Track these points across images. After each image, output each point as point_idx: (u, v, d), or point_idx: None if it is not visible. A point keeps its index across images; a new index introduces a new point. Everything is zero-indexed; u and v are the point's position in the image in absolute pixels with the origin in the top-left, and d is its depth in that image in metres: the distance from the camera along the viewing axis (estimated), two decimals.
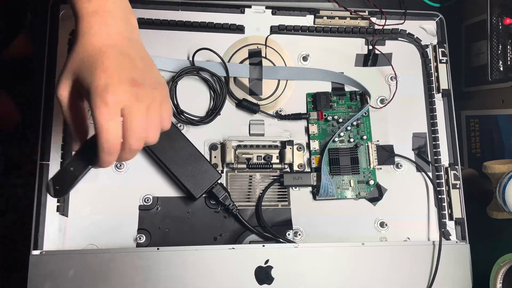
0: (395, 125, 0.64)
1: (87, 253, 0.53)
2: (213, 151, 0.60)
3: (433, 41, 0.66)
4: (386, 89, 0.65)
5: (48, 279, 0.51)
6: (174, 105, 0.60)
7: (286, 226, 0.59)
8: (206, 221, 0.58)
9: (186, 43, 0.62)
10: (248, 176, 0.61)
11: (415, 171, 0.63)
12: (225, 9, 0.64)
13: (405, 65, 0.65)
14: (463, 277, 0.58)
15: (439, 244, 0.58)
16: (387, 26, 0.65)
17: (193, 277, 0.54)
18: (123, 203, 0.57)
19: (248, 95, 0.63)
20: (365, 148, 0.62)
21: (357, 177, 0.61)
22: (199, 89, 0.62)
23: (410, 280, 0.57)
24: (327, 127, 0.63)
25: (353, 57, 0.65)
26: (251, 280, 0.55)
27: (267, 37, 0.64)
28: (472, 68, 0.71)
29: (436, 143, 0.63)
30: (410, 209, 0.61)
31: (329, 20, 0.65)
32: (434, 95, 0.64)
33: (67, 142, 0.57)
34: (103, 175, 0.58)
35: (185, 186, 0.56)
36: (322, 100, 0.63)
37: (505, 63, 0.62)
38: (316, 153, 0.62)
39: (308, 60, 0.64)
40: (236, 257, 0.55)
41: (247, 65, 0.63)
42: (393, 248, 0.58)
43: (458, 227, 0.61)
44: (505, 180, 0.57)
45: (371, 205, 0.61)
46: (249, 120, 0.62)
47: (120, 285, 0.52)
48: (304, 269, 0.56)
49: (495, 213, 0.61)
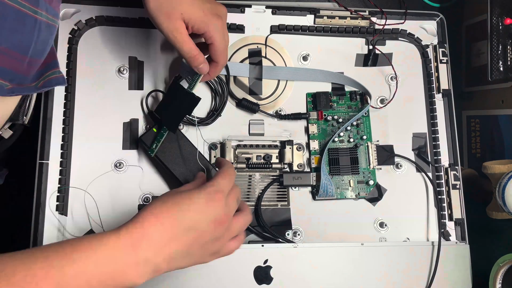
0: (395, 125, 0.64)
1: None
2: (212, 150, 0.60)
3: (434, 41, 0.66)
4: (386, 89, 0.65)
5: None
6: None
7: (286, 226, 0.59)
8: None
9: None
10: (248, 176, 0.61)
11: (415, 172, 0.63)
12: None
13: (405, 65, 0.65)
14: (462, 278, 0.58)
15: (439, 245, 0.58)
16: (388, 26, 0.65)
17: (192, 277, 0.54)
18: (123, 203, 0.57)
19: (248, 94, 0.63)
20: (365, 148, 0.62)
21: (356, 177, 0.61)
22: (200, 90, 0.62)
23: (409, 281, 0.57)
24: (327, 127, 0.63)
25: (353, 57, 0.65)
26: (250, 280, 0.55)
27: (267, 36, 0.64)
28: (472, 68, 0.71)
29: (436, 143, 0.63)
30: (410, 209, 0.61)
31: (329, 20, 0.65)
32: (435, 95, 0.64)
33: (67, 142, 0.58)
34: (103, 175, 0.58)
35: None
36: (322, 100, 0.63)
37: (505, 63, 0.62)
38: (315, 153, 0.62)
39: (308, 60, 0.64)
40: (235, 257, 0.54)
41: (247, 65, 0.63)
42: (392, 248, 0.58)
43: (457, 227, 0.61)
44: (505, 180, 0.57)
45: (371, 205, 0.61)
46: (249, 119, 0.62)
47: None
48: (303, 269, 0.56)
49: (494, 213, 0.61)
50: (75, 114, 0.58)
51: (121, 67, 0.60)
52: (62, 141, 0.58)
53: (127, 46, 0.61)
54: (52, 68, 0.52)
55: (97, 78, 0.60)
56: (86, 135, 0.58)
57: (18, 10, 0.43)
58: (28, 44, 0.46)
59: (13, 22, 0.42)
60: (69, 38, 0.59)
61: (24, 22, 0.44)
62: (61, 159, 0.57)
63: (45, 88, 0.52)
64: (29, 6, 0.44)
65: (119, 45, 0.61)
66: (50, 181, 0.56)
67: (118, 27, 0.61)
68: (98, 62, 0.60)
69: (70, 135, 0.58)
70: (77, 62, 0.60)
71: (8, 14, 0.42)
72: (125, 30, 0.61)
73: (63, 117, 0.58)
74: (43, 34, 0.47)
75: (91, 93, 0.59)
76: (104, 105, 0.59)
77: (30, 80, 0.50)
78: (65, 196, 0.56)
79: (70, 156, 0.58)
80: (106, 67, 0.60)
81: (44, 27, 0.47)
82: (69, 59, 0.59)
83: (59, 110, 0.58)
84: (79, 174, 0.57)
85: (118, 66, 0.60)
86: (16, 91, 0.48)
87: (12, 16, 0.42)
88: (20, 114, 0.53)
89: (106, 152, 0.58)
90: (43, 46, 0.49)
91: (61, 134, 0.58)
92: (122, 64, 0.61)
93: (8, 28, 0.42)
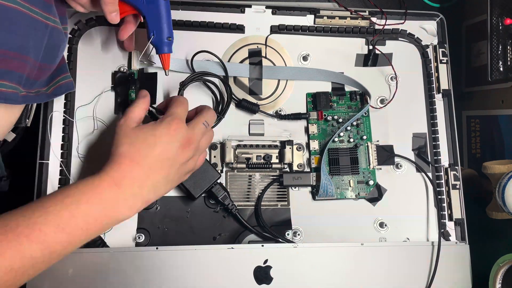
0: (395, 125, 0.63)
1: (86, 252, 0.53)
2: (212, 150, 0.60)
3: (434, 41, 0.66)
4: (386, 89, 0.65)
5: (47, 278, 0.51)
6: None
7: (286, 226, 0.59)
8: (206, 221, 0.59)
9: (186, 43, 0.62)
10: (248, 176, 0.61)
11: (415, 172, 0.63)
12: (225, 8, 0.64)
13: (405, 65, 0.65)
14: (462, 278, 0.58)
15: (439, 245, 0.58)
16: (388, 26, 0.65)
17: (192, 276, 0.54)
18: None
19: (248, 94, 0.63)
20: (365, 148, 0.62)
21: (356, 177, 0.61)
22: (202, 94, 0.62)
23: (409, 281, 0.57)
24: (327, 127, 0.63)
25: (353, 57, 0.65)
26: (250, 280, 0.55)
27: (267, 36, 0.64)
28: (472, 68, 0.71)
29: (436, 143, 0.63)
30: (410, 209, 0.61)
31: (329, 20, 0.65)
32: (434, 95, 0.64)
33: (67, 141, 0.58)
34: None
35: (185, 185, 0.56)
36: (322, 100, 0.63)
37: (505, 63, 0.62)
38: (315, 153, 0.62)
39: (308, 60, 0.64)
40: (235, 257, 0.55)
41: (247, 65, 0.63)
42: (392, 248, 0.58)
43: (457, 227, 0.61)
44: (505, 180, 0.57)
45: (371, 205, 0.61)
46: (249, 119, 0.62)
47: (119, 284, 0.53)
48: (303, 269, 0.56)
49: (494, 213, 0.61)
50: (75, 114, 0.58)
51: (121, 67, 0.60)
52: (62, 141, 0.58)
53: None
54: (63, 73, 0.54)
55: (97, 78, 0.60)
56: (86, 135, 0.58)
57: (30, 17, 0.43)
58: (39, 49, 0.46)
59: (25, 28, 0.43)
60: (69, 38, 0.59)
61: (35, 27, 0.45)
62: (61, 159, 0.57)
63: (56, 96, 0.53)
64: (41, 12, 0.45)
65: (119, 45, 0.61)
66: (50, 181, 0.56)
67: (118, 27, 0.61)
68: (98, 62, 0.60)
69: (70, 135, 0.58)
70: (77, 62, 0.60)
71: (20, 20, 0.42)
72: None
73: (63, 117, 0.58)
74: (54, 40, 0.48)
75: (91, 93, 0.59)
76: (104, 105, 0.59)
77: (42, 85, 0.51)
78: None
79: (70, 156, 0.58)
80: (106, 67, 0.60)
81: (55, 33, 0.48)
82: (69, 59, 0.59)
83: (59, 110, 0.58)
84: (79, 174, 0.57)
85: (118, 66, 0.60)
86: (29, 100, 0.49)
87: (24, 22, 0.43)
88: (23, 117, 0.54)
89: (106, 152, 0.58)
90: (54, 51, 0.50)
91: (61, 134, 0.58)
92: (122, 64, 0.61)
93: (20, 34, 0.43)
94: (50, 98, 0.53)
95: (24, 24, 0.43)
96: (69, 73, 0.55)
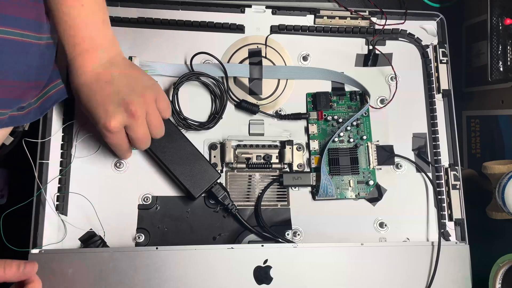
0: (395, 125, 0.63)
1: (86, 252, 0.53)
2: (212, 150, 0.60)
3: (434, 41, 0.66)
4: (386, 89, 0.65)
5: (47, 277, 0.51)
6: (177, 111, 0.59)
7: (285, 226, 0.59)
8: (205, 221, 0.59)
9: (186, 43, 0.62)
10: (248, 176, 0.61)
11: (415, 172, 0.63)
12: (225, 8, 0.64)
13: (405, 65, 0.65)
14: (462, 278, 0.58)
15: (438, 245, 0.58)
16: (388, 26, 0.65)
17: (192, 276, 0.54)
18: (122, 202, 0.58)
19: (248, 94, 0.63)
20: (365, 148, 0.62)
21: (356, 177, 0.61)
22: (200, 94, 0.62)
23: (409, 281, 0.57)
24: (327, 127, 0.63)
25: (353, 57, 0.65)
26: (249, 280, 0.55)
27: (267, 36, 0.64)
28: (472, 68, 0.71)
29: (436, 143, 0.63)
30: (410, 209, 0.61)
31: (329, 20, 0.65)
32: (435, 95, 0.64)
33: (67, 141, 0.58)
34: (102, 175, 0.58)
35: (184, 185, 0.56)
36: (322, 100, 0.63)
37: (505, 63, 0.62)
38: (315, 153, 0.62)
39: (308, 60, 0.64)
40: (235, 257, 0.55)
41: (247, 65, 0.63)
42: (392, 248, 0.58)
43: (457, 227, 0.61)
44: (505, 180, 0.57)
45: (371, 205, 0.61)
46: (248, 119, 0.62)
47: (119, 284, 0.53)
48: (303, 269, 0.56)
49: (494, 213, 0.61)
50: (75, 114, 0.58)
51: None
52: (62, 141, 0.58)
53: (126, 46, 0.61)
54: (53, 81, 0.52)
55: None
56: (86, 134, 0.58)
57: (20, 42, 0.42)
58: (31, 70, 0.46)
59: (13, 55, 0.42)
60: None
61: (27, 51, 0.44)
62: (61, 159, 0.57)
63: (46, 110, 0.52)
64: (32, 34, 0.44)
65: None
66: (50, 181, 0.56)
67: (118, 27, 0.61)
68: None
69: (70, 135, 0.58)
70: None
71: (6, 48, 0.41)
72: (124, 30, 0.61)
73: (63, 116, 0.58)
74: (46, 56, 0.48)
75: None
76: None
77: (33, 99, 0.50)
78: (65, 196, 0.57)
79: (70, 156, 0.58)
80: None
81: (48, 50, 0.48)
82: None
83: (59, 110, 0.58)
84: (79, 174, 0.57)
85: None
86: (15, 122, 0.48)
87: (12, 49, 0.42)
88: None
89: (106, 152, 0.58)
90: (48, 67, 0.49)
91: (61, 134, 0.58)
92: None
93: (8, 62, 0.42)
94: (37, 116, 0.51)
95: (11, 51, 0.42)
96: (61, 80, 0.53)
